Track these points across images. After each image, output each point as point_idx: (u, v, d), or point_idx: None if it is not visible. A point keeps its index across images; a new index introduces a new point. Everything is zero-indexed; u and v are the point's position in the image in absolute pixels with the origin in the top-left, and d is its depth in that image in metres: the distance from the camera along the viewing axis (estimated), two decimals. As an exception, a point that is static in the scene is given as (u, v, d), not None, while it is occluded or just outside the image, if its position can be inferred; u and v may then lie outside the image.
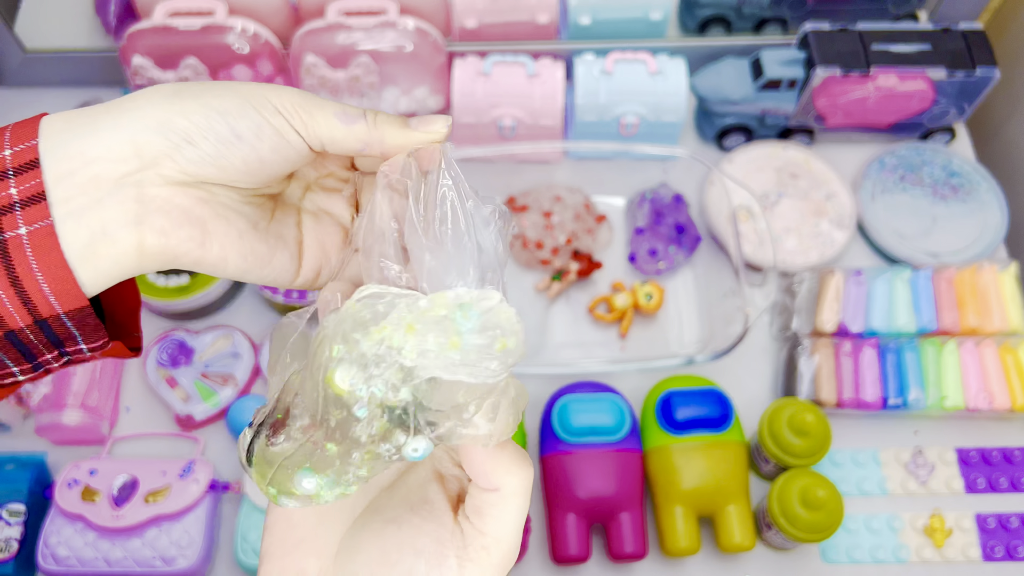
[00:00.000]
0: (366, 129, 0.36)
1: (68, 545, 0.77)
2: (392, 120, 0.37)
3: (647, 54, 0.97)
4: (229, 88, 0.34)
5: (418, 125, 0.37)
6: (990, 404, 0.85)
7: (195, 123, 0.33)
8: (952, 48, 0.94)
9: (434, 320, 0.32)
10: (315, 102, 0.35)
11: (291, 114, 0.35)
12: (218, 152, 0.33)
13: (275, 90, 0.35)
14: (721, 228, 0.92)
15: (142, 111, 0.33)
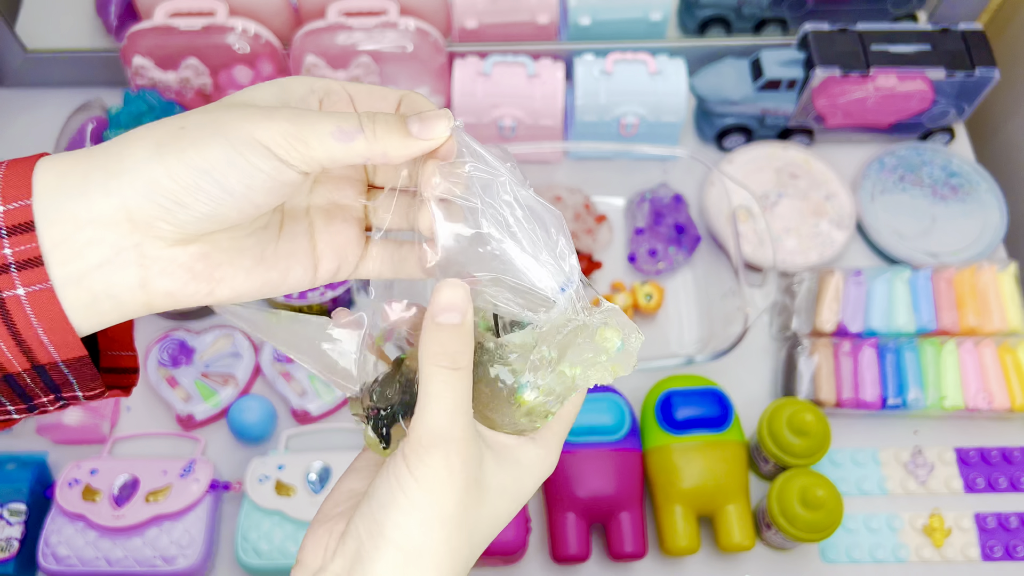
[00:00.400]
0: (366, 145, 0.34)
1: (69, 544, 0.77)
2: (392, 128, 0.35)
3: (647, 54, 0.97)
4: (213, 133, 0.32)
5: (420, 132, 0.35)
6: (989, 404, 0.85)
7: (183, 185, 0.32)
8: (951, 48, 0.94)
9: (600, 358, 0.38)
10: (308, 124, 0.33)
11: (284, 149, 0.33)
12: (211, 210, 0.33)
13: (263, 123, 0.33)
14: (721, 228, 0.93)
15: (128, 174, 0.32)
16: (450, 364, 0.35)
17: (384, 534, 0.34)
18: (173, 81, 0.97)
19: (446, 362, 0.35)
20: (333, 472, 0.80)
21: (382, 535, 0.34)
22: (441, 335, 0.35)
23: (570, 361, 0.37)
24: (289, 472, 0.80)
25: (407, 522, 0.34)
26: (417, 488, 0.34)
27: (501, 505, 0.37)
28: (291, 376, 0.87)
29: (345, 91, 0.39)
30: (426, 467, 0.34)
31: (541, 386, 0.37)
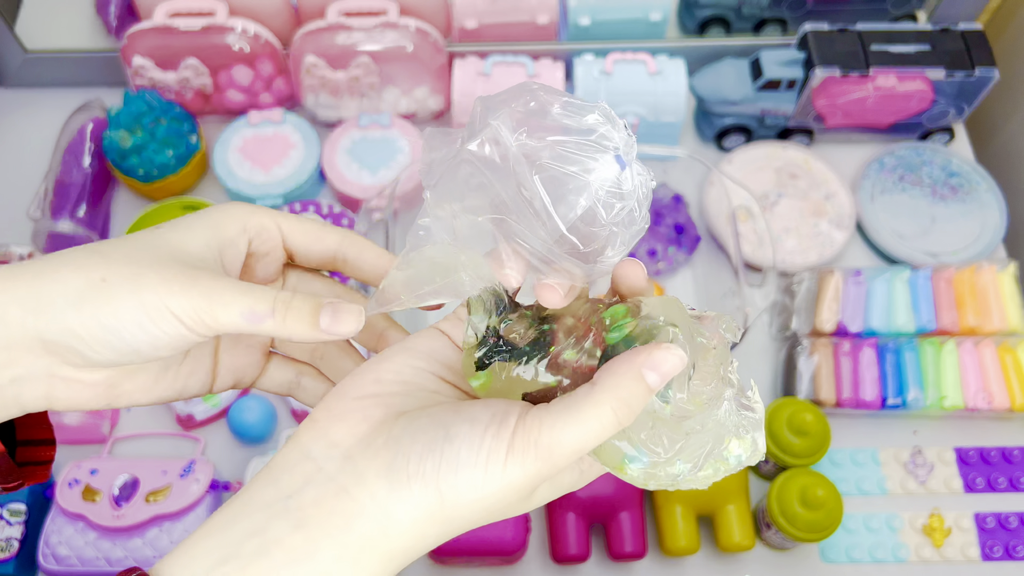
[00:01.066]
0: (273, 328, 0.35)
1: (69, 544, 0.77)
2: (303, 318, 0.36)
3: (647, 55, 0.97)
4: (131, 294, 0.34)
5: (330, 327, 0.36)
6: (989, 404, 0.85)
7: (94, 336, 0.34)
8: (951, 48, 0.94)
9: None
10: (222, 302, 0.35)
11: (193, 321, 0.34)
12: (117, 358, 0.35)
13: (179, 296, 0.34)
14: (720, 228, 0.93)
15: (45, 315, 0.34)
16: (622, 414, 0.33)
17: (439, 486, 0.32)
18: (173, 81, 0.97)
19: (624, 414, 0.33)
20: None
21: (435, 482, 0.32)
22: (637, 389, 0.33)
23: (686, 455, 0.35)
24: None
25: (467, 492, 0.32)
26: (499, 479, 0.32)
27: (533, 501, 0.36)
28: (291, 376, 0.87)
29: (278, 228, 0.40)
30: (521, 469, 0.32)
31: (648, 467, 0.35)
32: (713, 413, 0.35)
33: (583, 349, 0.35)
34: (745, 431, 0.35)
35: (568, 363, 0.35)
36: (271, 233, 0.40)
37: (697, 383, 0.35)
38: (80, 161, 0.94)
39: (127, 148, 0.93)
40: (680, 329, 0.34)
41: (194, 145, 0.97)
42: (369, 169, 0.96)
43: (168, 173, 0.95)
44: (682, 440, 0.34)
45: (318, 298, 0.37)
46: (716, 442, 0.35)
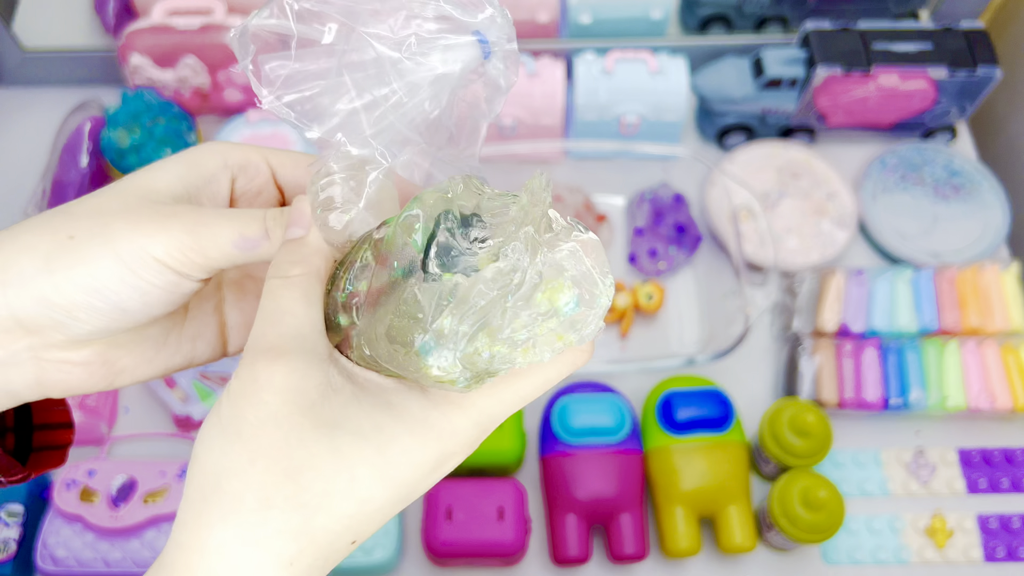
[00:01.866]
0: (270, 250, 0.32)
1: (66, 546, 0.77)
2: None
3: (648, 53, 0.97)
4: (103, 246, 0.30)
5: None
6: (992, 404, 0.84)
7: (73, 301, 0.30)
8: (953, 47, 0.94)
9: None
10: (208, 234, 0.31)
11: (179, 262, 0.31)
12: (104, 324, 0.31)
13: (158, 236, 0.30)
14: (722, 228, 0.92)
15: (14, 287, 0.30)
16: (277, 271, 0.31)
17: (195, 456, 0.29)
18: (171, 80, 0.97)
19: (276, 271, 0.31)
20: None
21: (194, 459, 0.29)
22: (283, 249, 0.31)
23: (493, 331, 0.28)
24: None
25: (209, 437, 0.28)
26: (226, 400, 0.29)
27: (351, 450, 0.28)
28: (290, 376, 0.86)
29: (266, 162, 0.35)
30: (236, 378, 0.29)
31: (458, 354, 0.28)
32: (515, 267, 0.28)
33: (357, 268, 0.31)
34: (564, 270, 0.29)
35: (352, 292, 0.31)
36: (258, 168, 0.35)
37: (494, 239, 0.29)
38: (78, 160, 0.94)
39: (125, 147, 0.92)
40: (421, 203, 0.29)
41: (192, 144, 0.96)
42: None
43: (166, 172, 0.94)
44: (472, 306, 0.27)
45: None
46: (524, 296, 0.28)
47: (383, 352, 0.29)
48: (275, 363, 0.28)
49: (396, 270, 0.29)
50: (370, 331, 0.29)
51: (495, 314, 0.27)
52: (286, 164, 0.36)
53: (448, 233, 0.28)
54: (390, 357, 0.29)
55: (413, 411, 0.29)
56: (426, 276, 0.28)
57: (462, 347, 0.27)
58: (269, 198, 0.37)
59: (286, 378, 0.28)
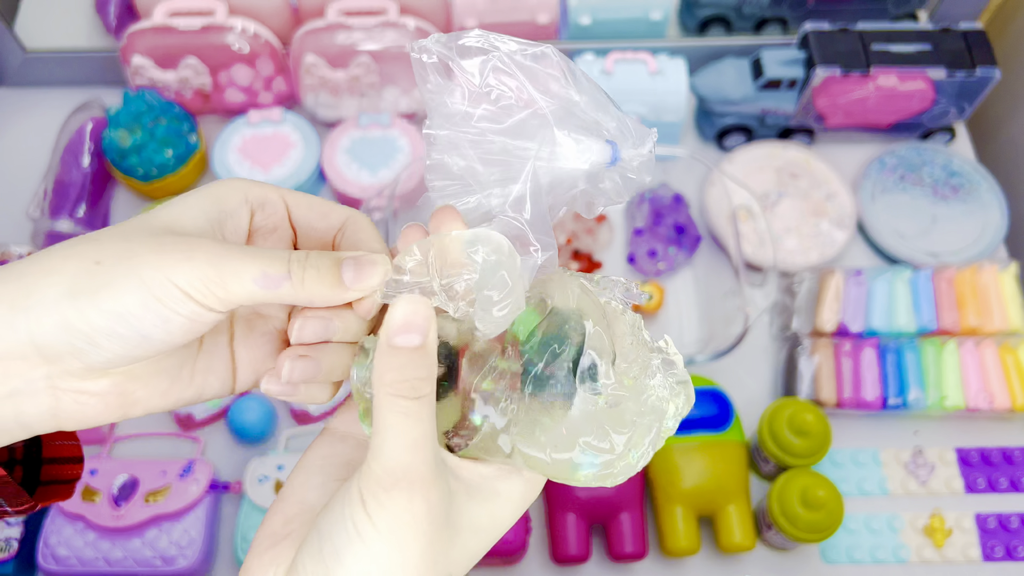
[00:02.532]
0: (292, 292, 0.32)
1: (68, 545, 0.77)
2: (323, 277, 0.33)
3: (647, 54, 0.97)
4: (128, 274, 0.30)
5: (354, 282, 0.33)
6: (990, 404, 0.85)
7: (96, 327, 0.30)
8: (952, 48, 0.94)
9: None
10: (231, 269, 0.31)
11: (202, 294, 0.31)
12: (125, 351, 0.31)
13: (182, 266, 0.30)
14: (721, 228, 0.92)
15: (36, 310, 0.30)
16: (408, 392, 0.31)
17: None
18: (172, 81, 0.97)
19: (403, 389, 0.31)
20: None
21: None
22: (398, 360, 0.31)
23: (636, 440, 0.33)
24: (288, 472, 0.80)
25: (363, 571, 0.30)
26: (377, 537, 0.30)
27: (473, 544, 0.33)
28: (291, 376, 0.86)
29: (283, 201, 0.36)
30: (386, 512, 0.30)
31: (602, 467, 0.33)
32: (647, 387, 0.33)
33: (498, 370, 0.33)
34: (676, 392, 0.34)
35: (492, 392, 0.33)
36: (276, 206, 0.36)
37: (623, 364, 0.33)
38: (79, 161, 0.94)
39: (126, 148, 0.93)
40: (592, 317, 0.33)
41: (193, 145, 0.97)
42: (369, 169, 0.96)
43: (167, 173, 0.94)
44: (628, 429, 0.33)
45: (336, 253, 0.34)
46: (658, 416, 0.33)
47: (530, 457, 0.33)
48: (425, 493, 0.31)
49: (546, 383, 0.33)
50: (515, 434, 0.33)
51: (635, 433, 0.33)
52: (301, 205, 0.37)
53: (593, 353, 0.33)
54: (534, 461, 0.33)
55: (514, 494, 0.34)
56: (575, 392, 0.32)
57: (611, 461, 0.33)
58: (284, 235, 0.37)
59: (435, 505, 0.31)
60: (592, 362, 0.33)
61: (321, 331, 0.35)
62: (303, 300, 0.33)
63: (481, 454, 0.33)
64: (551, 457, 0.32)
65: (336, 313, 0.35)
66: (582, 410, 0.32)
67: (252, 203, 0.35)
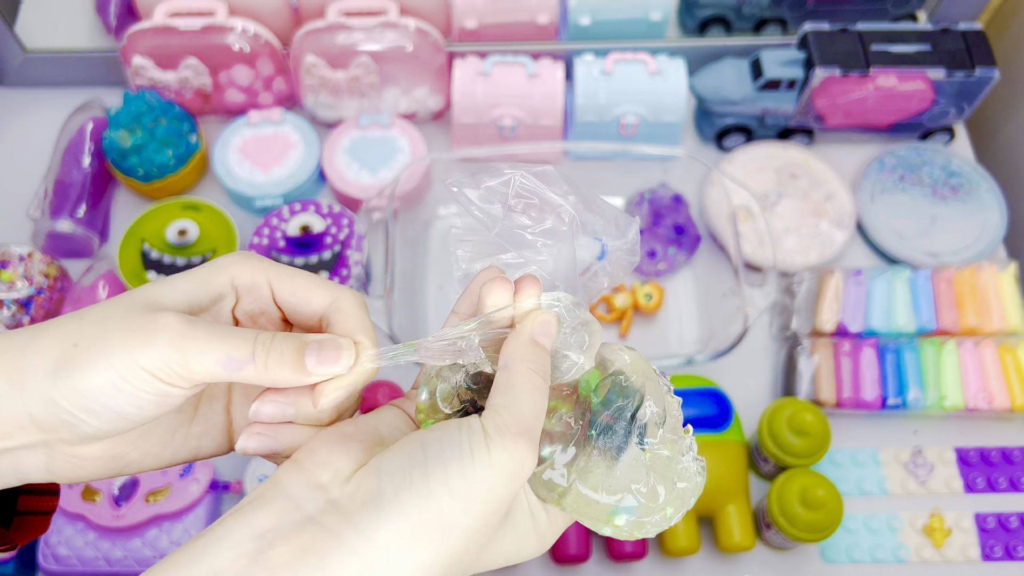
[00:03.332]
0: (255, 374, 0.33)
1: (69, 545, 0.77)
2: (285, 360, 0.33)
3: (647, 54, 0.97)
4: (99, 356, 0.32)
5: (316, 367, 0.34)
6: (989, 404, 0.85)
7: (75, 405, 0.32)
8: (951, 48, 0.94)
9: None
10: (195, 350, 0.32)
11: (166, 374, 0.32)
12: (106, 426, 0.33)
13: (146, 349, 0.32)
14: (721, 228, 0.93)
15: (28, 389, 0.32)
16: (541, 372, 0.35)
17: (429, 487, 0.31)
18: (173, 81, 0.97)
19: (538, 368, 0.35)
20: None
21: (427, 487, 0.31)
22: (537, 351, 0.36)
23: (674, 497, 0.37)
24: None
25: (460, 489, 0.31)
26: (488, 465, 0.32)
27: (506, 545, 0.36)
28: (291, 376, 0.86)
29: (268, 285, 0.37)
30: (506, 451, 0.32)
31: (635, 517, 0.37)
32: (679, 459, 0.38)
33: (567, 415, 0.37)
34: (699, 472, 0.39)
35: (560, 432, 0.37)
36: (261, 291, 0.37)
37: (666, 433, 0.37)
38: (80, 161, 0.94)
39: (127, 148, 0.93)
40: (650, 382, 0.38)
41: (194, 145, 0.97)
42: (369, 169, 0.96)
43: (168, 173, 0.94)
44: (671, 487, 0.37)
45: (303, 335, 0.34)
46: (692, 486, 0.38)
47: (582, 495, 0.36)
48: (534, 456, 0.34)
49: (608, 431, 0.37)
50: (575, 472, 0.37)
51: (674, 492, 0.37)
52: (284, 291, 0.37)
53: (652, 409, 0.37)
54: (583, 499, 0.36)
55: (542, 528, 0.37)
56: (629, 443, 0.37)
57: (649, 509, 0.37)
58: (271, 318, 0.38)
59: (527, 471, 0.34)
60: (649, 418, 0.37)
61: (278, 414, 0.36)
62: (266, 382, 0.34)
63: (536, 488, 0.37)
64: (602, 498, 0.36)
65: (299, 395, 0.36)
66: (631, 460, 0.37)
67: (238, 287, 0.36)
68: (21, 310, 0.86)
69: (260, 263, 0.37)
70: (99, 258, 0.92)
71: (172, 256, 0.90)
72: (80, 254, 0.94)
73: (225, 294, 0.36)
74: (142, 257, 0.90)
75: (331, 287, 0.37)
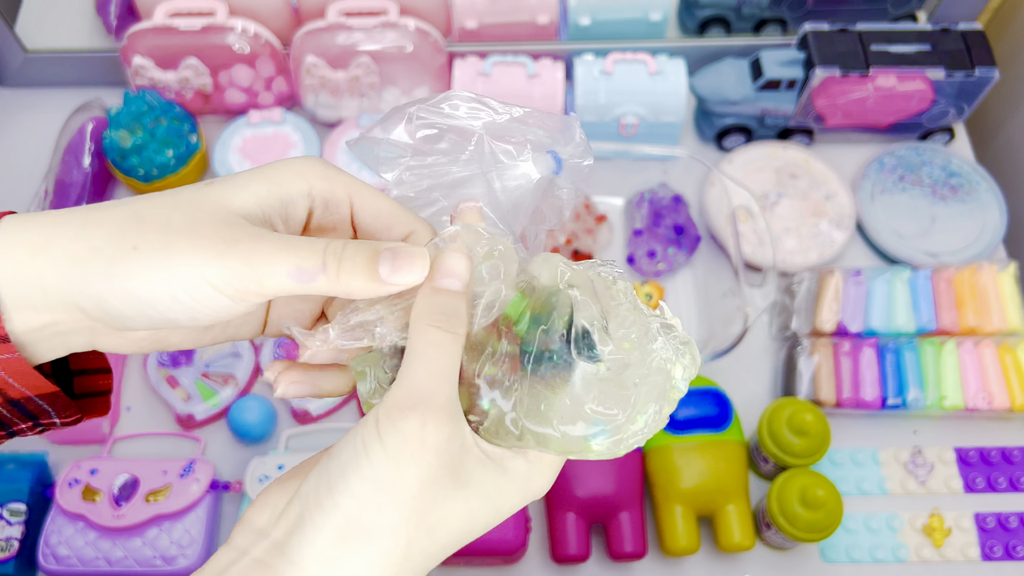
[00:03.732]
0: (328, 285, 0.32)
1: (69, 544, 0.77)
2: (359, 269, 0.32)
3: (647, 55, 0.97)
4: (162, 265, 0.31)
5: (390, 276, 0.32)
6: (989, 404, 0.85)
7: (128, 307, 0.31)
8: (951, 48, 0.94)
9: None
10: (264, 263, 0.31)
11: (234, 289, 0.31)
12: (154, 326, 0.32)
13: (214, 261, 0.30)
14: (721, 228, 0.93)
15: (79, 282, 0.31)
16: (444, 325, 0.31)
17: (334, 499, 0.30)
18: (173, 81, 0.97)
19: (440, 321, 0.31)
20: (333, 472, 0.80)
21: (331, 499, 0.30)
22: (438, 298, 0.32)
23: (642, 405, 0.33)
24: (289, 472, 0.80)
25: (362, 490, 0.30)
26: (383, 454, 0.30)
27: (478, 508, 0.32)
28: (291, 376, 0.86)
29: (348, 202, 0.35)
30: (397, 432, 0.30)
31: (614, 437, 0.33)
32: (649, 351, 0.34)
33: (497, 354, 0.33)
34: (681, 353, 0.34)
35: (495, 376, 0.33)
36: (340, 207, 0.35)
37: (620, 330, 0.33)
38: (80, 161, 0.94)
39: (127, 148, 0.93)
40: (578, 287, 0.33)
41: (194, 145, 0.97)
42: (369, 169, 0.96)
43: (168, 173, 0.95)
44: (633, 393, 0.33)
45: (375, 243, 0.33)
46: (664, 377, 0.34)
47: (539, 435, 0.33)
48: (439, 423, 0.30)
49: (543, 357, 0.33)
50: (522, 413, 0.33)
51: (639, 396, 0.33)
52: (367, 211, 0.36)
53: (583, 321, 0.33)
54: (545, 439, 0.33)
55: (520, 473, 0.33)
56: (574, 361, 0.33)
57: (620, 426, 0.33)
58: (343, 235, 0.37)
59: (445, 441, 0.30)
60: (583, 329, 0.33)
61: (306, 391, 0.36)
62: (340, 293, 0.32)
63: (494, 439, 0.33)
64: (560, 431, 0.32)
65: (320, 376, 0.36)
66: (584, 379, 0.33)
67: (315, 197, 0.35)
68: (21, 310, 0.86)
69: (341, 176, 0.35)
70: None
71: (172, 256, 0.90)
72: (80, 254, 0.94)
73: (298, 203, 0.34)
74: (142, 257, 0.90)
75: (413, 217, 0.36)
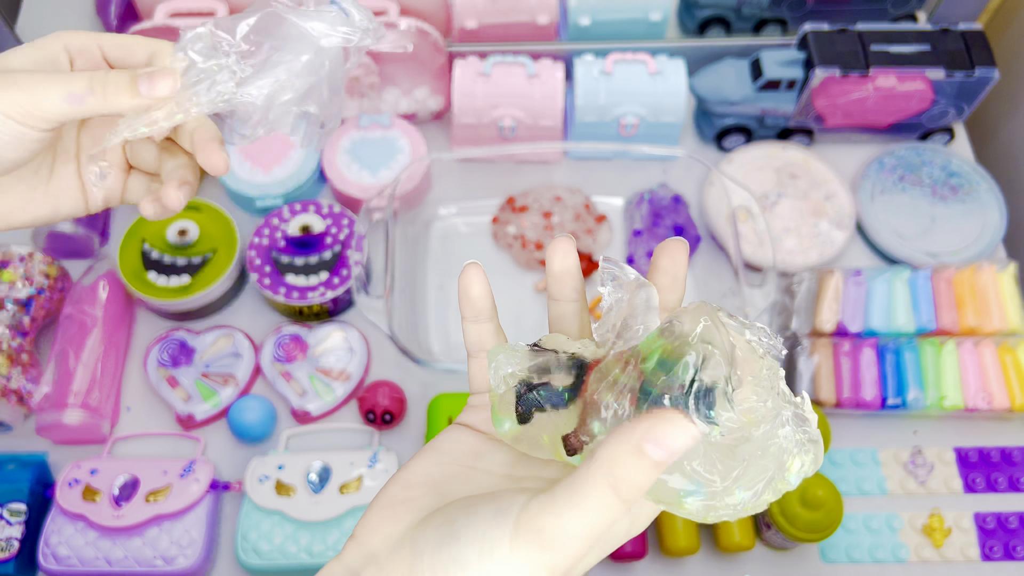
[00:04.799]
0: (97, 104, 0.40)
1: (69, 544, 0.77)
2: (122, 88, 0.41)
3: (647, 55, 0.97)
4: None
5: (149, 90, 0.41)
6: (989, 404, 0.85)
7: None
8: (951, 48, 0.94)
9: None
10: (41, 92, 0.39)
11: (21, 115, 0.39)
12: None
13: (2, 95, 0.39)
14: (720, 228, 0.93)
15: None
16: (625, 494, 0.29)
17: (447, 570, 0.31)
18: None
19: (625, 491, 0.29)
20: (333, 472, 0.80)
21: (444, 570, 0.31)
22: (640, 468, 0.29)
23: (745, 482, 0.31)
24: (289, 472, 0.80)
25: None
26: (506, 561, 0.30)
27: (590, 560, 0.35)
28: (291, 376, 0.87)
29: (98, 46, 0.44)
30: (526, 562, 0.30)
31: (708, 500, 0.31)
32: (773, 434, 0.31)
33: (620, 385, 0.32)
34: (805, 449, 0.32)
35: (611, 405, 0.32)
36: (92, 52, 0.44)
37: (747, 403, 0.31)
38: (80, 161, 0.94)
39: (127, 148, 0.93)
40: (714, 344, 0.31)
41: (194, 145, 0.97)
42: (369, 169, 0.96)
43: (168, 173, 0.94)
44: (739, 467, 0.31)
45: (133, 70, 0.41)
46: (778, 466, 0.32)
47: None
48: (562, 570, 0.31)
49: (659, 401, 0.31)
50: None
51: (745, 474, 0.31)
52: (112, 47, 0.44)
53: (713, 380, 0.31)
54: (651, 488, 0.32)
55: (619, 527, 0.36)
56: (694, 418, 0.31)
57: (715, 493, 0.31)
58: None
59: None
60: (706, 388, 0.31)
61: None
62: (109, 110, 0.41)
63: None
64: (661, 478, 0.31)
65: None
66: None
67: (71, 51, 0.44)
68: (22, 310, 0.86)
69: (89, 32, 0.45)
70: (99, 258, 0.92)
71: (172, 256, 0.90)
72: (80, 254, 0.94)
73: (60, 57, 0.43)
74: (142, 257, 0.90)
75: (151, 40, 0.44)
